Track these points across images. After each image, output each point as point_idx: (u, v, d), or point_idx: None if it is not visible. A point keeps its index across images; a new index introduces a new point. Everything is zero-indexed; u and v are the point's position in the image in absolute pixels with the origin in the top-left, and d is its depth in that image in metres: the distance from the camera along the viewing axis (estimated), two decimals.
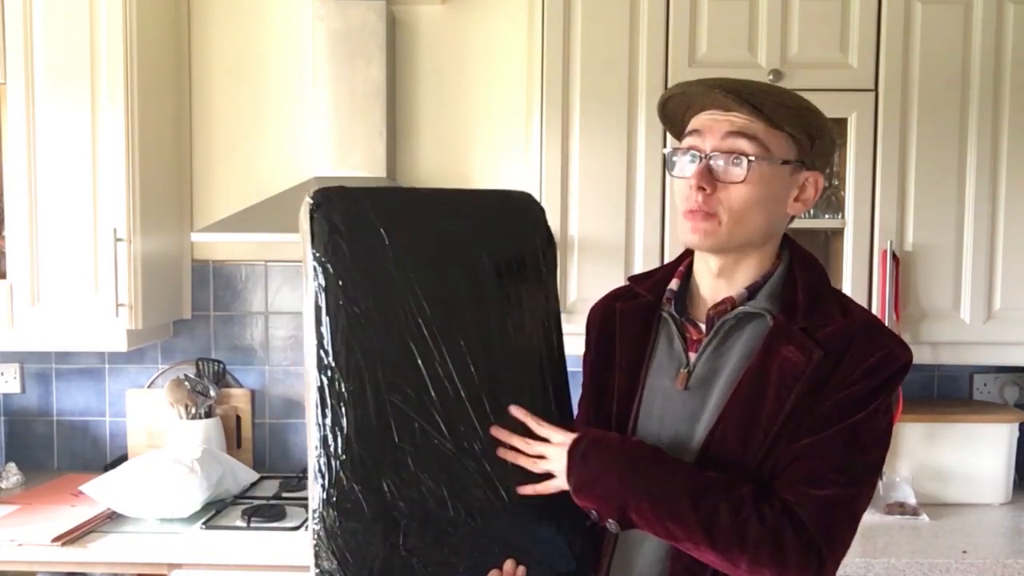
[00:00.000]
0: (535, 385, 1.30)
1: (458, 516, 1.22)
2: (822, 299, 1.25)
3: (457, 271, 1.27)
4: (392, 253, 1.24)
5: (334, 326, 1.22)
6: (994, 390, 2.67)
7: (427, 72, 2.68)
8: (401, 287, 1.24)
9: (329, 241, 1.23)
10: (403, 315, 1.23)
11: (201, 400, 2.59)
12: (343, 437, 1.20)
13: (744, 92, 1.19)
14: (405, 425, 1.22)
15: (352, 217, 1.25)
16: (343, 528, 1.19)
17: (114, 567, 2.15)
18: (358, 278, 1.23)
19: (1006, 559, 2.04)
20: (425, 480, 1.21)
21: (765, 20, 2.25)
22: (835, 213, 2.34)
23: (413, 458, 1.21)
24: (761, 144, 1.20)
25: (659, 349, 1.31)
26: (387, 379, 1.22)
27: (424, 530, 1.21)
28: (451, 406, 1.23)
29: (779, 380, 1.19)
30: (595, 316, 1.44)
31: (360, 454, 1.20)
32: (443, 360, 1.24)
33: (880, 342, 1.21)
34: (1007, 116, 2.25)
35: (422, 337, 1.24)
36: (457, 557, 1.23)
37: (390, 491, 1.21)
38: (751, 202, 1.21)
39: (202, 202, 2.71)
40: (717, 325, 1.26)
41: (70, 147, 2.35)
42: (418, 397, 1.23)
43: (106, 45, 2.33)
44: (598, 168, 2.28)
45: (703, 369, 1.26)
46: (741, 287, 1.27)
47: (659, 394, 1.29)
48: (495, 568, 1.24)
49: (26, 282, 2.37)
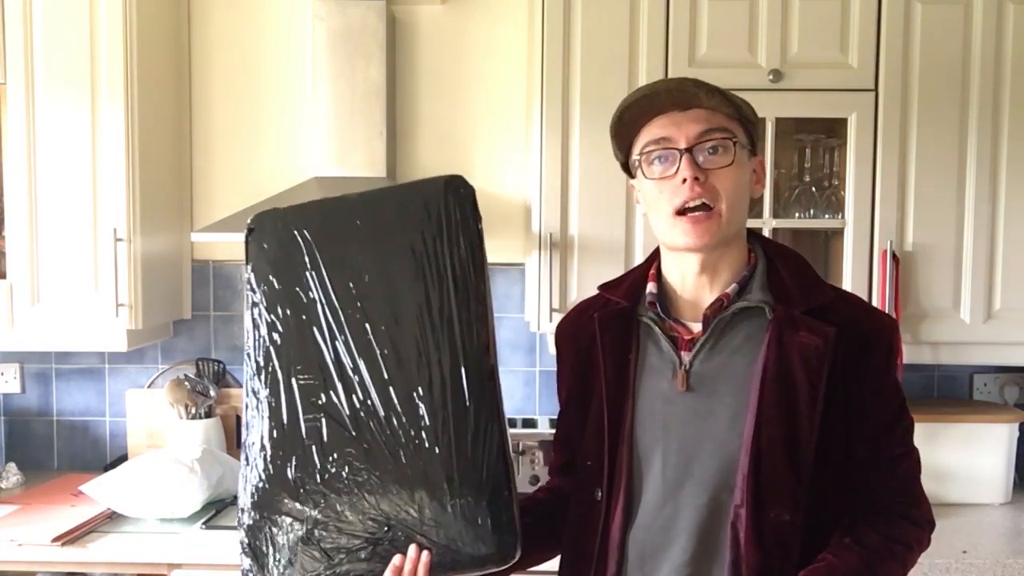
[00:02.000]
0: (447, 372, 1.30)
1: (360, 504, 1.30)
2: (811, 282, 1.30)
3: (372, 269, 1.34)
4: (311, 262, 1.35)
5: (256, 336, 1.38)
6: (994, 390, 2.67)
7: (427, 72, 2.68)
8: (317, 294, 1.35)
9: (257, 262, 1.39)
10: (317, 321, 1.34)
11: (201, 400, 2.59)
12: (258, 435, 1.35)
13: (707, 84, 1.26)
14: (313, 421, 1.32)
15: (278, 237, 1.38)
16: (257, 522, 1.33)
17: (114, 567, 2.15)
18: (279, 293, 1.36)
19: (1006, 559, 2.04)
20: (328, 472, 1.31)
21: (765, 20, 2.25)
22: (835, 213, 2.34)
23: (318, 451, 1.31)
24: (731, 133, 1.25)
25: (648, 353, 1.31)
26: (299, 380, 1.34)
27: (327, 520, 1.30)
28: (357, 402, 1.31)
29: (805, 367, 1.21)
30: (566, 331, 1.43)
31: (271, 451, 1.33)
32: (352, 358, 1.32)
33: (883, 318, 1.32)
34: (1007, 116, 2.25)
35: (333, 340, 1.33)
36: (362, 545, 1.29)
37: (297, 485, 1.32)
38: (740, 185, 1.26)
39: (202, 202, 2.71)
40: (714, 323, 1.26)
41: (70, 147, 2.35)
42: (327, 395, 1.32)
43: (106, 45, 2.33)
44: (598, 168, 2.28)
45: (702, 368, 1.26)
46: (726, 282, 1.28)
47: (657, 398, 1.28)
48: (399, 554, 1.27)
49: (26, 282, 2.36)
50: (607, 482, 1.28)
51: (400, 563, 1.26)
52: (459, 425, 1.28)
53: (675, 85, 1.26)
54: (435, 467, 1.28)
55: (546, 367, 2.71)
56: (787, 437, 1.20)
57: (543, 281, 2.29)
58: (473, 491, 1.27)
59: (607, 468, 1.28)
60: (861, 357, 1.24)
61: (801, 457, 1.20)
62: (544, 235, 2.29)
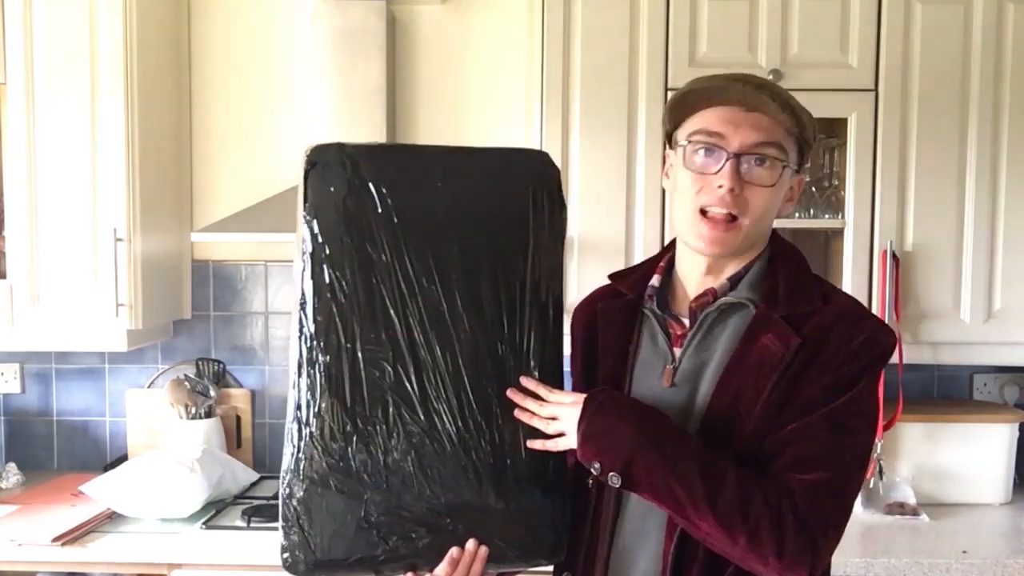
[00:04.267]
0: (521, 366, 1.27)
1: (422, 492, 1.24)
2: (803, 288, 1.25)
3: (452, 240, 1.24)
4: (385, 220, 1.22)
5: (318, 294, 1.21)
6: (994, 390, 2.67)
7: (427, 72, 2.68)
8: (390, 257, 1.22)
9: (321, 206, 1.22)
10: (388, 288, 1.22)
11: (201, 400, 2.58)
12: (315, 406, 1.22)
13: (781, 95, 1.20)
14: (378, 400, 1.22)
15: (347, 180, 1.22)
16: (308, 496, 1.22)
17: (114, 567, 2.15)
18: (347, 246, 1.21)
19: (1006, 559, 2.04)
20: (392, 455, 1.23)
21: (765, 20, 2.25)
22: (835, 213, 2.34)
23: (382, 433, 1.23)
24: (781, 149, 1.21)
25: (643, 347, 1.31)
26: (365, 352, 1.22)
27: (387, 503, 1.23)
28: (428, 384, 1.24)
29: (757, 369, 1.19)
30: (579, 317, 1.43)
31: (330, 425, 1.22)
32: (425, 334, 1.23)
33: (862, 326, 1.21)
34: (1007, 116, 2.25)
35: (405, 312, 1.23)
36: (419, 531, 1.24)
37: (356, 464, 1.22)
38: (772, 205, 1.23)
39: (202, 202, 2.71)
40: (700, 318, 1.26)
41: (70, 147, 2.34)
42: (394, 372, 1.23)
43: (106, 45, 2.33)
44: (598, 168, 2.28)
45: (688, 364, 1.26)
46: (725, 279, 1.27)
47: (647, 392, 1.28)
48: (457, 545, 1.25)
49: (26, 282, 2.36)
50: None
51: (458, 556, 1.24)
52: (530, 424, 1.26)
53: (751, 89, 1.20)
54: (503, 463, 1.25)
55: None
56: (729, 437, 1.19)
57: None
58: (539, 490, 1.26)
59: None
60: (819, 360, 1.18)
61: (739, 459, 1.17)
62: None
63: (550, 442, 1.25)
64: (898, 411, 2.29)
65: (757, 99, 1.20)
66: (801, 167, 1.27)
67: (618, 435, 1.18)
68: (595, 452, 1.19)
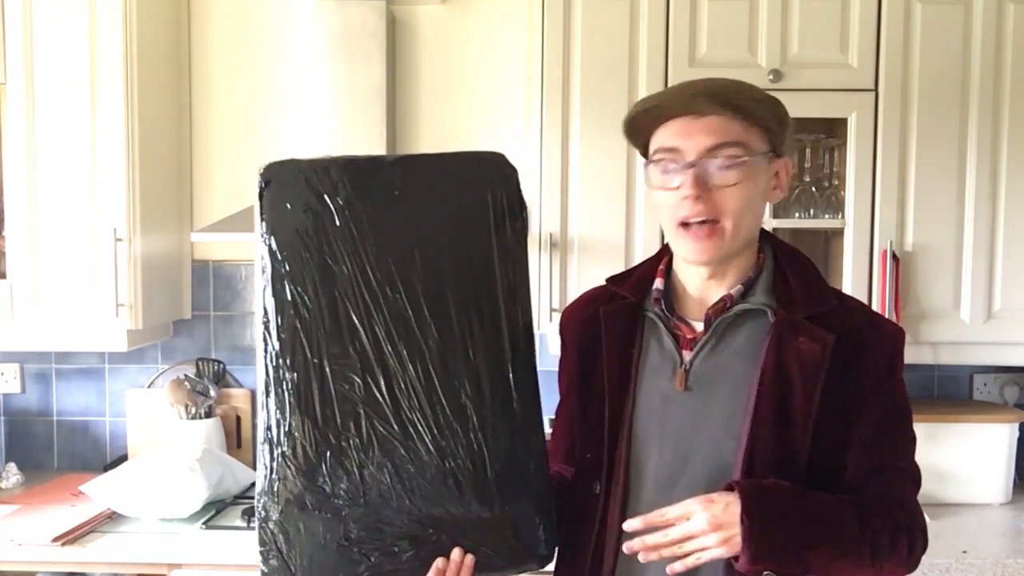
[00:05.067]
0: (494, 368, 1.25)
1: (402, 504, 1.22)
2: (816, 288, 1.28)
3: (413, 249, 1.24)
4: (344, 233, 1.21)
5: (280, 311, 1.21)
6: (994, 390, 2.67)
7: (427, 72, 2.68)
8: (352, 269, 1.21)
9: (278, 223, 1.21)
10: (352, 300, 1.21)
11: (201, 400, 2.59)
12: (285, 425, 1.21)
13: (720, 95, 1.20)
14: (349, 413, 1.21)
15: (302, 196, 1.22)
16: (284, 518, 1.21)
17: (114, 567, 2.15)
18: (307, 261, 1.21)
19: (1006, 559, 2.04)
20: (368, 469, 1.21)
21: (765, 20, 2.25)
22: (835, 213, 2.34)
23: (356, 447, 1.21)
24: (743, 145, 1.21)
25: (650, 350, 1.30)
26: (332, 366, 1.21)
27: (366, 519, 1.21)
28: (399, 394, 1.22)
29: (801, 373, 1.20)
30: (571, 320, 1.42)
31: (302, 444, 1.21)
32: (393, 344, 1.22)
33: (886, 327, 1.30)
34: (1007, 116, 2.25)
35: (370, 322, 1.21)
36: (401, 545, 1.22)
37: (332, 481, 1.21)
38: (747, 202, 1.22)
39: (202, 202, 2.71)
40: (715, 323, 1.26)
41: (70, 147, 2.35)
42: (364, 384, 1.21)
43: (106, 45, 2.33)
44: (598, 168, 2.28)
45: (701, 368, 1.26)
46: (732, 283, 1.27)
47: (656, 395, 1.28)
48: (441, 556, 1.23)
49: (26, 282, 2.36)
50: (605, 476, 1.28)
51: (443, 566, 1.23)
52: (508, 428, 1.24)
53: (685, 100, 1.22)
54: (483, 469, 1.23)
55: (547, 367, 2.69)
56: (781, 443, 1.20)
57: (543, 281, 2.29)
58: (522, 495, 1.24)
59: (606, 462, 1.28)
60: (861, 366, 1.23)
61: (794, 463, 1.20)
62: (544, 235, 2.29)
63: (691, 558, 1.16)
64: None
65: (703, 105, 1.21)
66: (778, 150, 1.26)
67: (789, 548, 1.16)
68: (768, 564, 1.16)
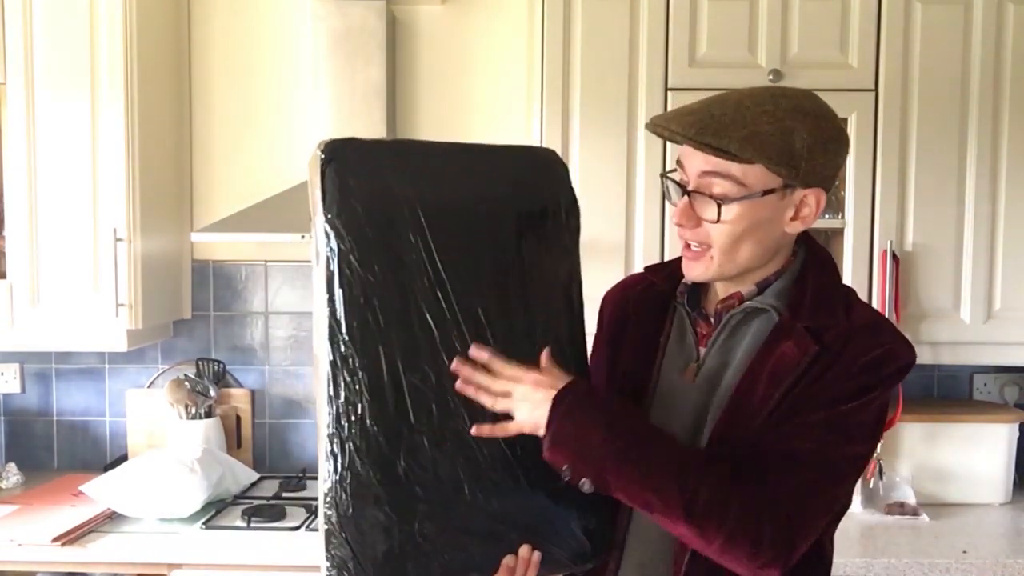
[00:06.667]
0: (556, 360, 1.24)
1: (475, 500, 1.18)
2: (828, 300, 1.23)
3: (479, 236, 1.19)
4: (410, 216, 1.15)
5: (348, 296, 1.13)
6: (994, 390, 2.67)
7: (427, 72, 2.68)
8: (420, 254, 1.15)
9: (343, 202, 1.13)
10: (421, 286, 1.15)
11: (201, 400, 2.59)
12: (357, 417, 1.14)
13: (709, 132, 1.13)
14: (422, 405, 1.15)
15: (367, 176, 1.15)
16: (357, 513, 1.14)
17: (114, 567, 2.15)
18: (374, 244, 1.13)
19: (1006, 559, 2.04)
20: (442, 463, 1.16)
21: (765, 20, 2.25)
22: (835, 213, 2.34)
23: (430, 440, 1.16)
24: (735, 181, 1.16)
25: (672, 341, 1.32)
26: (403, 356, 1.15)
27: (439, 515, 1.17)
28: None
29: (771, 374, 1.19)
30: (609, 301, 1.44)
31: (376, 436, 1.14)
32: (461, 334, 1.17)
33: (881, 339, 1.20)
34: (1007, 116, 2.25)
35: (440, 310, 1.15)
36: (472, 541, 1.19)
37: (406, 475, 1.15)
38: (735, 237, 1.19)
39: (202, 202, 2.71)
40: (725, 319, 1.26)
41: (70, 147, 2.34)
42: (436, 375, 1.16)
43: (106, 45, 2.33)
44: (598, 168, 2.28)
45: (711, 363, 1.26)
46: (750, 285, 1.27)
47: (670, 386, 1.29)
48: (510, 553, 1.22)
49: (26, 282, 2.36)
50: None
51: (512, 563, 1.21)
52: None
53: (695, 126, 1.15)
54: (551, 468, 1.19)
55: None
56: (741, 436, 1.18)
57: None
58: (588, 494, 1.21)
59: None
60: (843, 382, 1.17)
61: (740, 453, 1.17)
62: None
63: (498, 428, 1.17)
64: (898, 411, 2.29)
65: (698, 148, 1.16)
66: (795, 182, 1.17)
67: (589, 442, 1.14)
68: (565, 457, 1.15)
